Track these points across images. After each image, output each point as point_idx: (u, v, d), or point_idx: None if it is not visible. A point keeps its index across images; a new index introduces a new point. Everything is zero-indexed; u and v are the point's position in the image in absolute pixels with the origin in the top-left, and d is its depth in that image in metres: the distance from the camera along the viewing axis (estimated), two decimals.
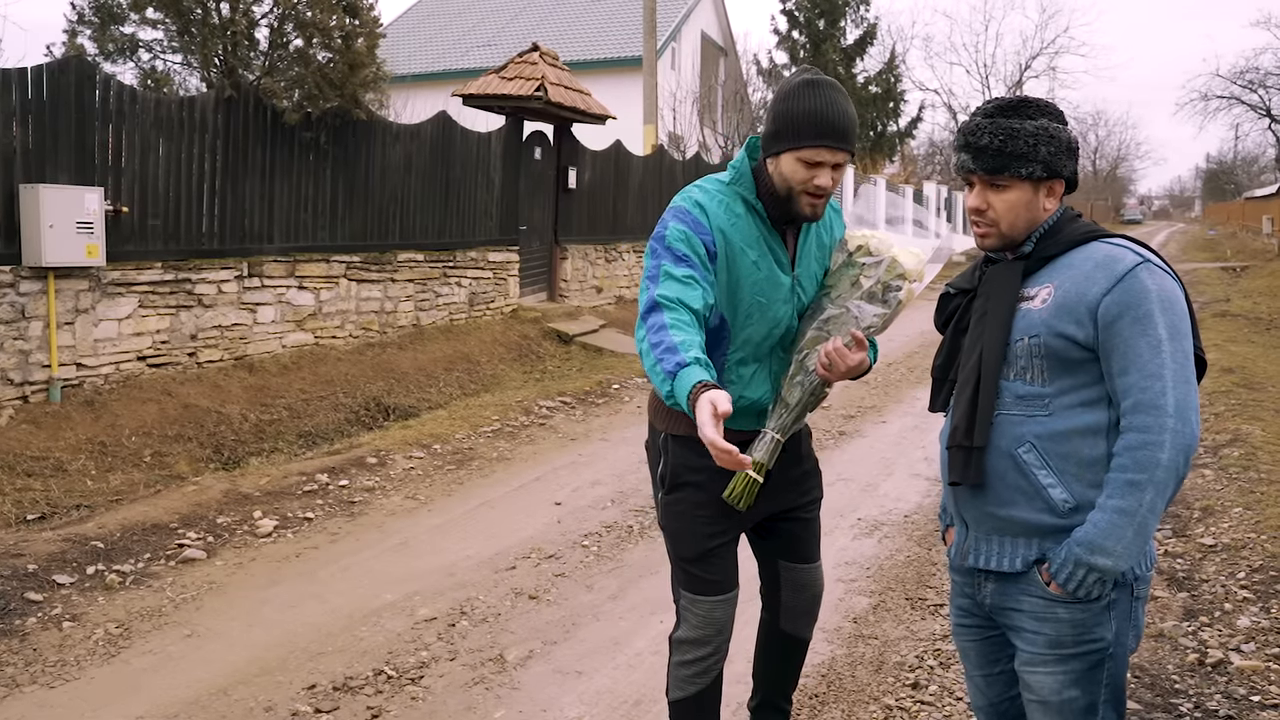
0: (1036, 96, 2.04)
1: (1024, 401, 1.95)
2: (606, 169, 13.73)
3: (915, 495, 5.80)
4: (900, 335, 12.86)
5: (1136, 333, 1.84)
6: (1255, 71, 34.64)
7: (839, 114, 2.28)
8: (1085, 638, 1.93)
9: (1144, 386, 1.83)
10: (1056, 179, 1.98)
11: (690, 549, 2.48)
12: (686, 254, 2.28)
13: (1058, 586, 1.90)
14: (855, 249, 2.47)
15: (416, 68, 23.31)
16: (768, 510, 2.56)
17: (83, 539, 4.66)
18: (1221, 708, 3.25)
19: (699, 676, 2.52)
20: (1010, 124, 1.96)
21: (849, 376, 2.38)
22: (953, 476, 2.03)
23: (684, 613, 2.53)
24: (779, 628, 2.72)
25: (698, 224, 2.33)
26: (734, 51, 29.21)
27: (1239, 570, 4.40)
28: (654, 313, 2.20)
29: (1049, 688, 1.96)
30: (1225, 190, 63.73)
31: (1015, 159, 1.95)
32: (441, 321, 10.35)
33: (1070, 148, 1.98)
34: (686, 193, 2.41)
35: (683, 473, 2.48)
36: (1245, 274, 21.76)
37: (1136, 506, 1.82)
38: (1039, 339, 1.92)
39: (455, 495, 5.75)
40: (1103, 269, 1.89)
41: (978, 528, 2.04)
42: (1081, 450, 1.91)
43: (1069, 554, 1.87)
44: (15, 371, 6.25)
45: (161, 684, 3.45)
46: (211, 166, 7.74)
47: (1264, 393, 8.15)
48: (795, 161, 2.31)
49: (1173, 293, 1.88)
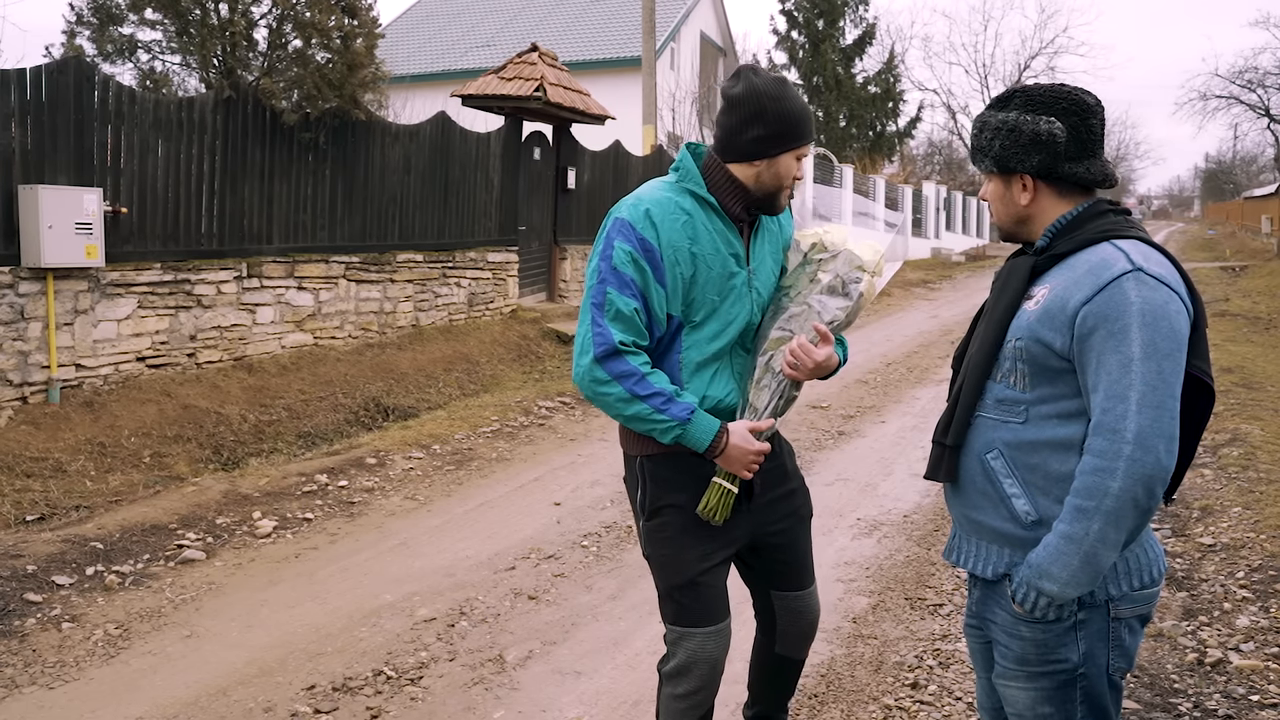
0: (1036, 85, 1.96)
1: (1002, 406, 1.89)
2: (605, 169, 13.73)
3: (914, 495, 5.80)
4: (900, 335, 12.87)
5: (1109, 348, 1.72)
6: (1254, 71, 34.77)
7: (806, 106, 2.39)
8: (1049, 658, 1.86)
9: (1106, 408, 1.72)
10: (1013, 174, 1.92)
11: (678, 575, 2.38)
12: (632, 278, 2.26)
13: (1018, 605, 1.85)
14: (810, 246, 2.44)
15: (415, 68, 23.32)
16: (755, 530, 2.45)
17: (82, 540, 4.66)
18: (1220, 707, 3.25)
19: (692, 710, 2.43)
20: (985, 116, 1.96)
21: (818, 375, 2.34)
22: (927, 471, 2.02)
23: (674, 647, 2.42)
24: (774, 652, 2.62)
25: (643, 240, 2.27)
26: (733, 52, 29.21)
27: (1238, 570, 4.41)
28: (617, 360, 2.24)
29: (1022, 703, 1.92)
30: (1224, 190, 63.82)
31: (976, 153, 1.98)
32: (441, 322, 10.35)
33: (1035, 141, 1.87)
34: (634, 202, 2.33)
35: (662, 495, 2.40)
36: (1244, 274, 21.78)
37: (1083, 535, 1.72)
38: (1022, 343, 1.85)
39: (454, 496, 5.75)
40: (1091, 274, 1.78)
41: (960, 527, 2.02)
42: (1050, 463, 1.83)
43: (1023, 575, 1.82)
44: (14, 372, 6.24)
45: (161, 685, 3.45)
46: (210, 167, 7.74)
47: (1263, 392, 8.15)
48: (791, 159, 2.33)
49: (1160, 307, 1.72)
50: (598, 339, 2.25)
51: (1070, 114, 1.89)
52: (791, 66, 28.23)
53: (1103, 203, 1.94)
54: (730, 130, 2.33)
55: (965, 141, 43.86)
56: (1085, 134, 1.90)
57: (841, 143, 27.50)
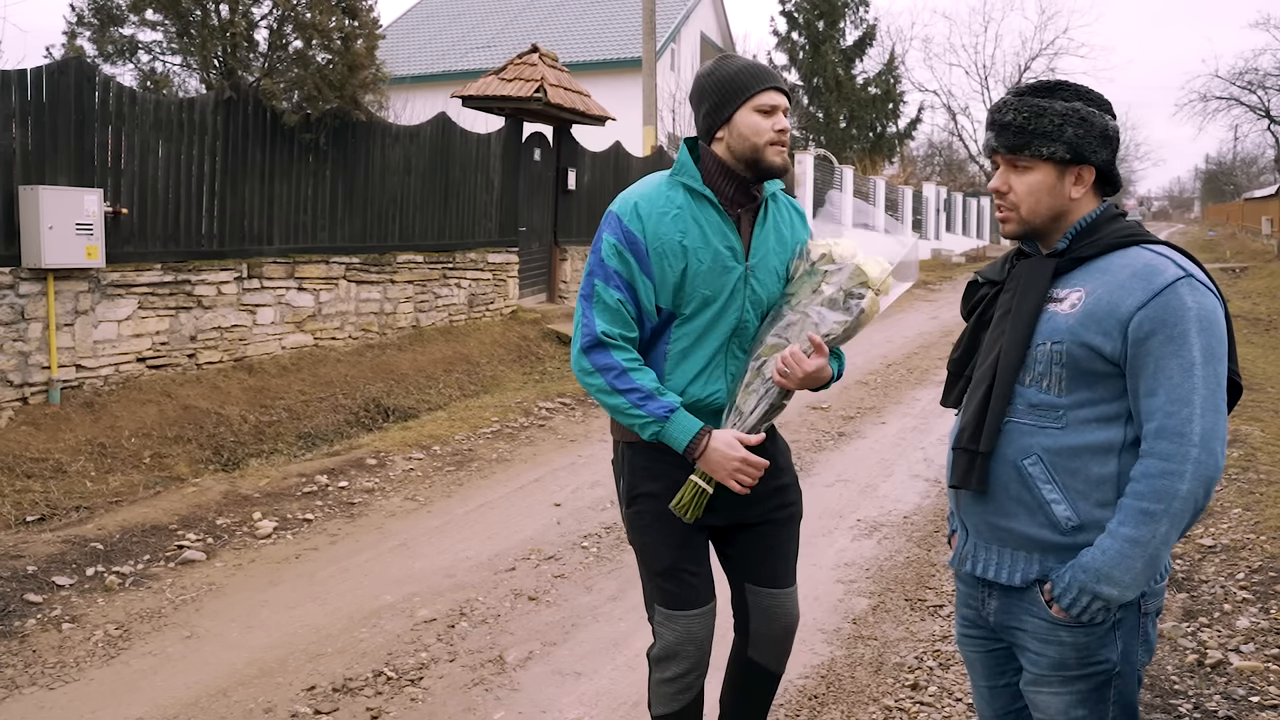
0: (1077, 82, 1.91)
1: (1037, 411, 1.85)
2: (606, 170, 13.73)
3: (914, 496, 5.80)
4: (900, 335, 12.87)
5: (1169, 353, 1.72)
6: (1254, 72, 34.75)
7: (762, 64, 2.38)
8: (1090, 660, 1.85)
9: (1170, 411, 1.72)
10: (1083, 164, 1.86)
11: (659, 561, 2.38)
12: (617, 270, 2.30)
13: (1060, 610, 1.82)
14: (818, 257, 2.40)
15: (416, 69, 23.33)
16: (738, 519, 2.41)
17: (82, 540, 4.66)
18: (1221, 708, 3.25)
19: (681, 694, 2.43)
20: (1038, 102, 1.86)
21: (808, 386, 2.30)
22: (954, 480, 1.95)
23: (659, 629, 2.42)
24: (746, 654, 2.53)
25: (628, 233, 2.30)
26: (733, 53, 29.20)
27: (1238, 571, 4.41)
28: (601, 352, 2.29)
29: (1055, 708, 1.90)
30: (1224, 191, 63.86)
31: (1038, 137, 1.84)
32: (441, 323, 10.35)
33: (1105, 135, 1.85)
34: (625, 196, 2.37)
35: (639, 483, 2.41)
36: (1245, 275, 21.80)
37: (1150, 538, 1.72)
38: (1062, 346, 1.81)
39: (455, 496, 5.75)
40: (1140, 279, 1.76)
41: (978, 535, 1.97)
42: (1091, 468, 1.81)
43: (1074, 579, 1.79)
44: (15, 373, 6.25)
45: (161, 685, 3.45)
46: (211, 168, 7.74)
47: (1263, 393, 8.16)
48: (752, 113, 2.29)
49: (1213, 312, 1.75)
50: (584, 329, 2.32)
51: (1114, 115, 1.90)
52: (792, 67, 28.24)
53: (1113, 206, 1.95)
54: (696, 120, 2.40)
55: (966, 143, 44.00)
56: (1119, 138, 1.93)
57: (842, 144, 27.51)
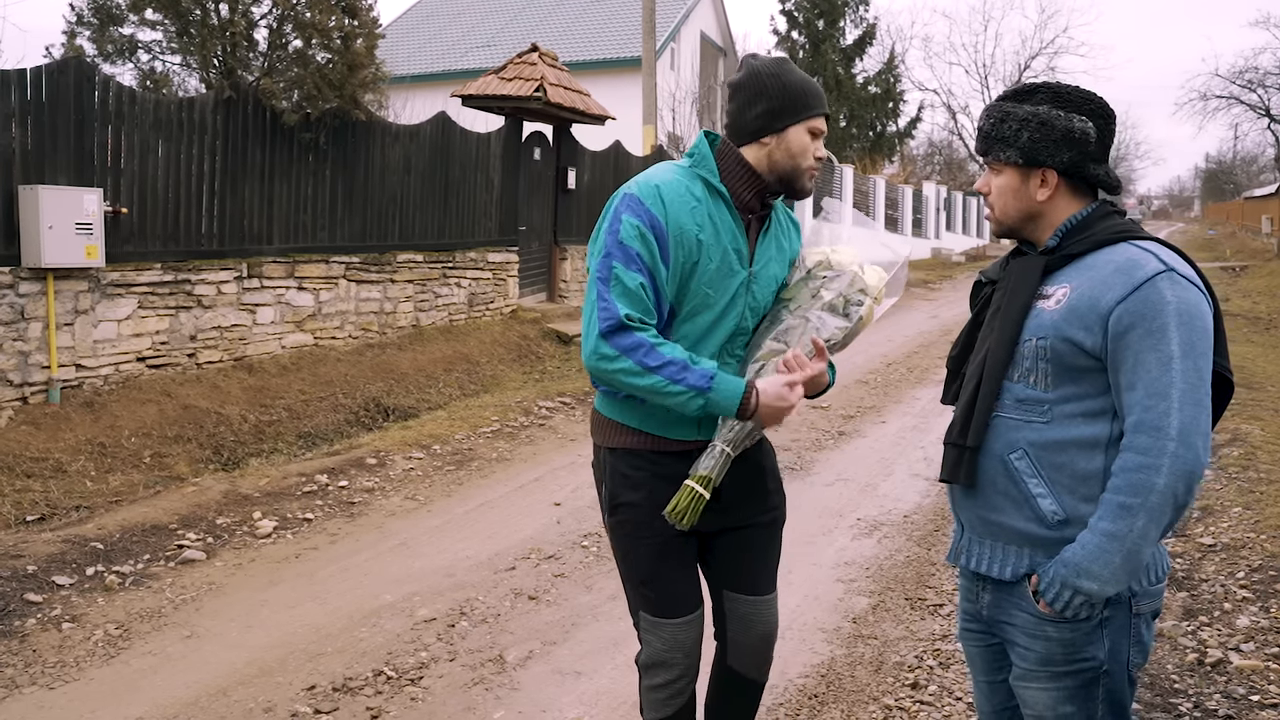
0: (1063, 83, 1.95)
1: (1023, 406, 1.88)
2: (606, 169, 13.73)
3: (914, 495, 5.80)
4: (900, 335, 12.87)
5: (1147, 346, 1.74)
6: (1254, 71, 34.76)
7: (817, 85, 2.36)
8: (1076, 656, 1.86)
9: (1148, 405, 1.73)
10: (1039, 167, 1.90)
11: (642, 569, 2.33)
12: (639, 253, 2.17)
13: (1046, 605, 1.84)
14: (815, 264, 2.39)
15: (416, 68, 23.32)
16: (719, 524, 2.35)
17: (82, 540, 4.66)
18: (1221, 707, 3.25)
19: (672, 699, 2.39)
20: (1007, 107, 1.93)
21: (807, 391, 2.26)
22: (943, 474, 1.99)
23: (646, 636, 2.37)
24: (726, 663, 2.48)
25: (651, 216, 2.19)
26: (733, 52, 29.20)
27: (1238, 570, 4.41)
28: (624, 334, 2.12)
29: (1043, 703, 1.91)
30: (1224, 190, 63.79)
31: (997, 142, 1.93)
32: (441, 322, 10.35)
33: (1069, 138, 1.88)
34: (645, 179, 2.27)
35: (620, 492, 2.34)
36: (1244, 274, 21.80)
37: (1126, 531, 1.73)
38: (1046, 341, 1.84)
39: (455, 496, 5.75)
40: (1121, 274, 1.79)
41: (972, 529, 2.00)
42: (1077, 462, 1.83)
43: (1056, 573, 1.81)
44: (14, 373, 6.25)
45: (161, 685, 3.45)
46: (210, 167, 7.74)
47: (1263, 392, 8.16)
48: (805, 133, 2.28)
49: (1194, 306, 1.76)
50: (603, 313, 2.14)
51: (1097, 116, 1.92)
52: None
53: (1107, 205, 1.96)
54: (737, 113, 2.31)
55: (966, 142, 43.96)
56: (1108, 138, 1.94)
57: (842, 143, 27.50)
